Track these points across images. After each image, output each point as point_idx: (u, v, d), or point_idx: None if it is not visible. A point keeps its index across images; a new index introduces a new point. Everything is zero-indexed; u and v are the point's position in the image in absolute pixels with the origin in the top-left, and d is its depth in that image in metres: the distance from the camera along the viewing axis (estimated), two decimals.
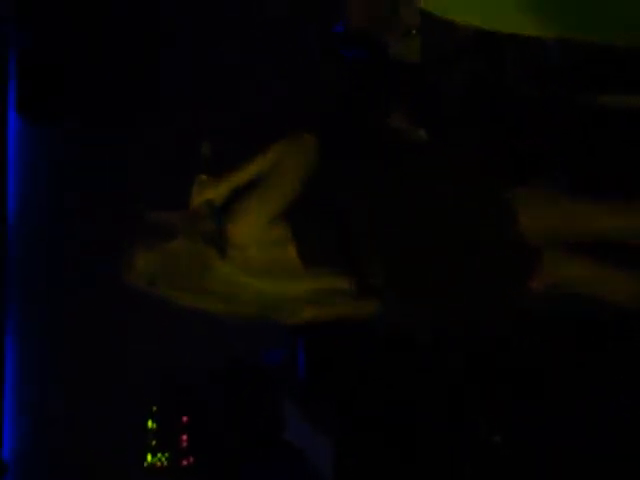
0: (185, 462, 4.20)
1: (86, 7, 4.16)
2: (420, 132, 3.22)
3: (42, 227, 4.43)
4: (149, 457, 4.20)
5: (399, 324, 3.20)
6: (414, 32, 3.64)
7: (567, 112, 3.17)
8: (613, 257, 2.65)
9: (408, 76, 3.55)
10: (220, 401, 4.18)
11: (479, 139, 3.00)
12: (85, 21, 4.17)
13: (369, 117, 3.39)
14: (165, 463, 4.20)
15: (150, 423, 4.19)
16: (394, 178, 2.64)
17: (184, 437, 4.19)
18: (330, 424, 4.00)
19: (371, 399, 3.83)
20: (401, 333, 3.49)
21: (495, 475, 3.53)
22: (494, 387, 3.52)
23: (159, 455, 4.19)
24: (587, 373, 3.20)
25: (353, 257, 2.59)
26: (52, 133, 4.36)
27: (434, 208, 2.59)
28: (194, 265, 2.51)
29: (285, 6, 4.13)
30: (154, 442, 4.19)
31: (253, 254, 2.55)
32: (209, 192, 2.53)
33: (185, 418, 4.19)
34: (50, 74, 4.16)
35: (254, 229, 2.52)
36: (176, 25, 4.25)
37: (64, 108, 4.20)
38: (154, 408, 4.20)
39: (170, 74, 4.24)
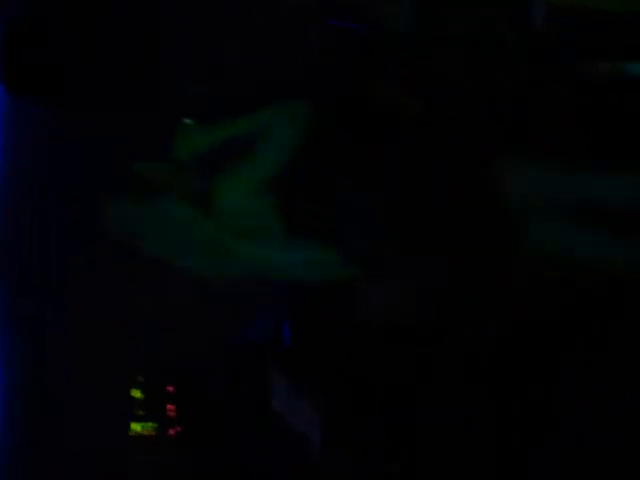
0: (172, 431, 4.19)
1: None
2: (414, 102, 3.19)
3: (27, 207, 4.38)
4: (135, 426, 4.19)
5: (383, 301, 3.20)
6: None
7: (557, 81, 3.14)
8: (604, 225, 2.65)
9: (401, 45, 3.52)
10: (207, 370, 4.17)
11: (473, 110, 2.98)
12: None
13: (362, 87, 3.36)
14: (152, 433, 4.19)
15: (136, 392, 4.18)
16: (385, 150, 2.62)
17: (171, 407, 4.18)
18: (316, 392, 4.00)
19: (357, 366, 3.83)
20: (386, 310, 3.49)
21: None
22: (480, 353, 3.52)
23: (145, 424, 4.18)
24: (576, 344, 3.20)
25: (340, 230, 2.58)
26: (42, 111, 4.30)
27: (426, 180, 2.58)
28: (179, 222, 2.48)
29: None
30: (141, 412, 4.18)
31: (237, 221, 2.52)
32: (195, 139, 2.48)
33: (171, 387, 4.18)
34: (39, 46, 4.09)
35: (239, 195, 2.48)
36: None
37: (52, 84, 4.13)
38: (140, 377, 4.18)
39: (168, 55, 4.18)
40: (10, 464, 4.28)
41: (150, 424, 4.16)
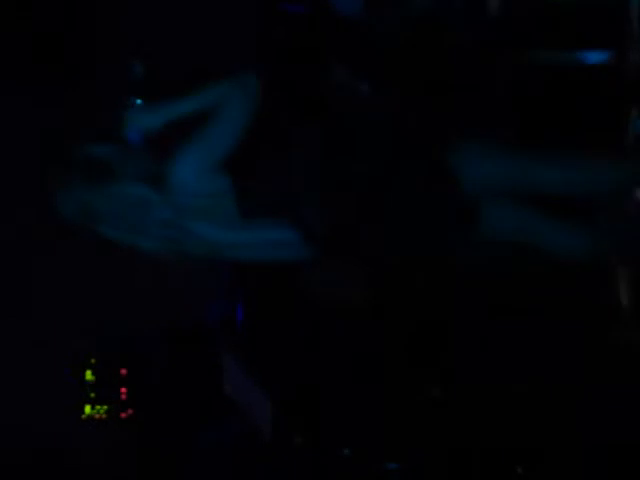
0: (124, 415, 4.21)
1: None
2: (362, 85, 3.24)
3: None
4: (87, 409, 4.20)
5: (334, 281, 3.22)
6: None
7: (506, 66, 3.20)
8: (550, 210, 2.70)
9: (349, 29, 3.56)
10: (159, 354, 4.19)
11: (421, 93, 3.03)
12: None
13: (311, 72, 3.40)
14: (104, 415, 4.20)
15: (89, 375, 4.19)
16: (336, 132, 2.64)
17: (123, 389, 4.19)
18: (268, 379, 4.03)
19: (309, 353, 3.86)
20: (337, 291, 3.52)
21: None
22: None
23: (98, 407, 4.19)
24: (522, 324, 3.26)
25: (293, 210, 2.58)
26: None
27: (376, 162, 2.61)
28: (133, 203, 2.47)
29: None
30: (93, 394, 4.19)
31: (191, 200, 2.51)
32: (144, 118, 2.48)
33: (124, 370, 4.20)
34: None
35: (192, 175, 2.47)
36: None
37: None
38: (93, 360, 4.20)
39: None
40: None
41: (102, 407, 4.18)
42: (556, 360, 3.19)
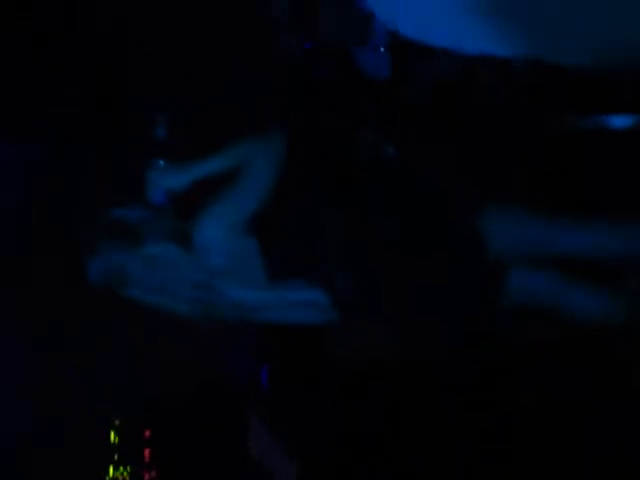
0: (147, 476, 4.18)
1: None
2: (389, 148, 3.24)
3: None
4: (111, 471, 4.17)
5: (363, 343, 3.21)
6: (382, 50, 3.68)
7: (533, 132, 3.21)
8: (580, 275, 2.68)
9: (378, 92, 3.58)
10: (184, 415, 4.17)
11: (448, 156, 3.03)
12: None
13: (339, 133, 3.41)
14: (127, 477, 4.18)
15: (113, 436, 4.18)
16: (364, 195, 2.64)
17: (147, 451, 4.17)
18: (293, 442, 4.00)
19: (335, 418, 3.84)
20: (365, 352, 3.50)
21: None
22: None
23: (121, 469, 4.17)
24: (550, 390, 3.23)
25: (322, 272, 2.58)
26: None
27: (402, 225, 2.61)
28: (161, 265, 2.47)
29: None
30: (116, 456, 4.17)
31: (219, 262, 2.51)
32: (169, 179, 2.47)
33: (148, 432, 4.18)
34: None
35: (219, 237, 2.47)
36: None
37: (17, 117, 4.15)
38: (117, 421, 4.18)
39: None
40: None
41: (124, 469, 4.15)
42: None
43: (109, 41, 4.16)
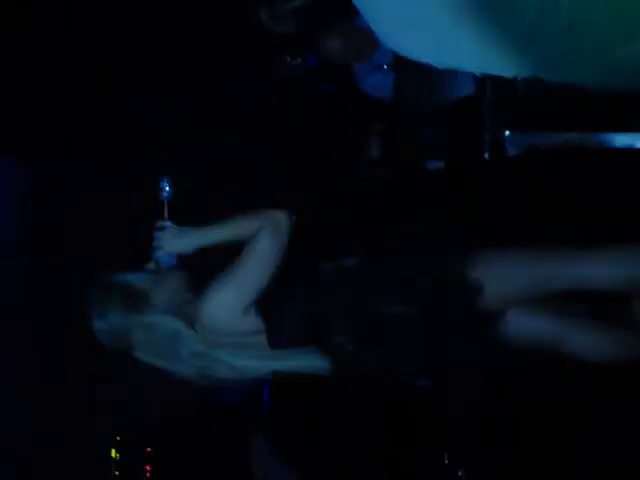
0: None
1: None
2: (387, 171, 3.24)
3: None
4: None
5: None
6: (386, 67, 3.67)
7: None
8: (582, 310, 2.65)
9: (381, 109, 3.58)
10: (185, 433, 4.16)
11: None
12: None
13: (340, 148, 3.40)
14: None
15: (114, 453, 4.17)
16: (364, 266, 2.58)
17: (148, 467, 4.16)
18: (296, 461, 3.99)
19: (336, 436, 3.83)
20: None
21: None
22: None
23: None
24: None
25: (323, 340, 2.55)
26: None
27: (402, 279, 2.54)
28: (165, 337, 2.48)
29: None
30: (117, 472, 4.17)
31: (222, 338, 2.50)
32: (176, 242, 2.45)
33: (149, 449, 4.17)
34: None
35: (224, 316, 2.45)
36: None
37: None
38: (117, 438, 4.18)
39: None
40: None
41: None
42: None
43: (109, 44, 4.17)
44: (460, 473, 3.64)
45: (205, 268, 2.52)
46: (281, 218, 2.46)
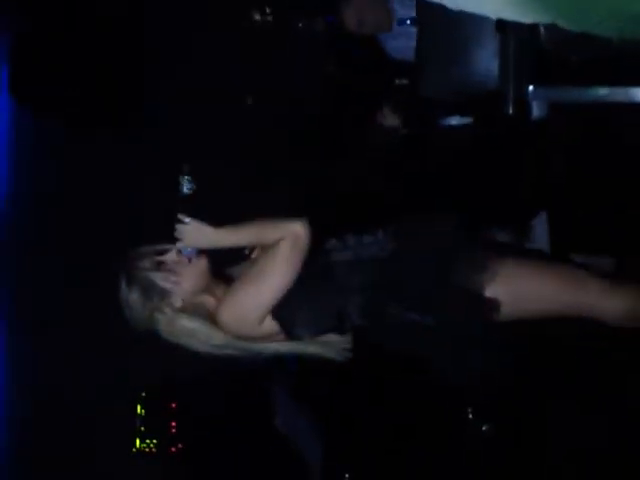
0: (174, 449, 4.20)
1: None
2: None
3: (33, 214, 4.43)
4: (138, 443, 4.20)
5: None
6: (409, 22, 3.66)
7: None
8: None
9: (401, 73, 3.57)
10: (209, 387, 4.18)
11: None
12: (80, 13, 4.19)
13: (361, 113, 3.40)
14: (154, 449, 4.20)
15: (139, 409, 4.20)
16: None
17: (173, 423, 4.19)
18: (319, 413, 4.01)
19: (360, 390, 3.84)
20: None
21: (486, 464, 3.55)
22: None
23: (148, 441, 4.19)
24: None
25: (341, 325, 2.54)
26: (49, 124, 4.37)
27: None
28: (185, 332, 2.50)
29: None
30: (143, 428, 4.19)
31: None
32: (194, 240, 2.44)
33: (174, 404, 4.19)
34: (43, 60, 4.17)
35: (242, 330, 2.46)
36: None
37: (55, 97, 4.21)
38: (143, 394, 4.20)
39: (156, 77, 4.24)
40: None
41: (151, 440, 4.17)
42: None
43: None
44: (484, 428, 3.64)
45: (226, 256, 2.52)
46: (302, 229, 2.44)
